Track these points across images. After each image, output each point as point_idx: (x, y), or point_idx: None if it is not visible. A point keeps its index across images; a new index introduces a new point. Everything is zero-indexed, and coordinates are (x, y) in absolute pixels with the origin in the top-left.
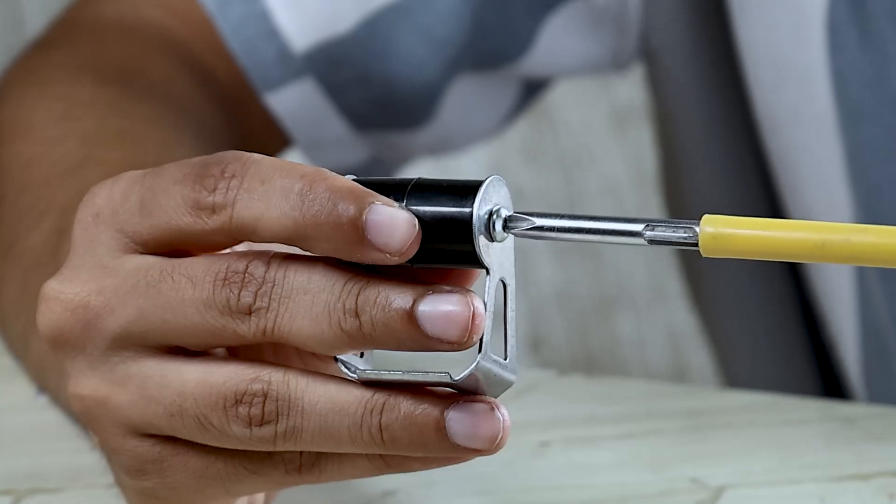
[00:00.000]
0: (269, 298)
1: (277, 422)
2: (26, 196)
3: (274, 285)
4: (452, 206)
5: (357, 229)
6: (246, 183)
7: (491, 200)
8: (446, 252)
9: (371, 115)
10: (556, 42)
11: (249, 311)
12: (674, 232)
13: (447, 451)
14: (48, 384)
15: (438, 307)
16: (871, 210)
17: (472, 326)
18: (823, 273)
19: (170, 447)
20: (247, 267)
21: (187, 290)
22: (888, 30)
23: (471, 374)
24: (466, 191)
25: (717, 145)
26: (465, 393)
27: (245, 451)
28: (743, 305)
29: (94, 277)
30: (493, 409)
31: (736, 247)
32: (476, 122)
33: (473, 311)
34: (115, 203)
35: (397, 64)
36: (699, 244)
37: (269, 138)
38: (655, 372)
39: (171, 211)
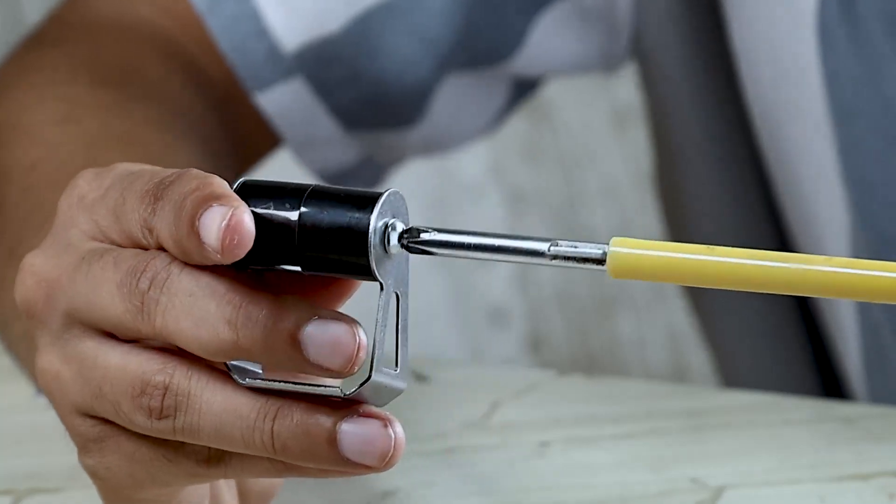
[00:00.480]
0: (160, 291)
1: (175, 417)
2: (30, 199)
3: (168, 279)
4: (349, 218)
5: (196, 233)
6: (163, 203)
7: (388, 214)
8: (340, 263)
9: (361, 114)
10: (547, 41)
11: (143, 300)
12: (579, 256)
13: (337, 463)
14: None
15: (325, 333)
16: (864, 209)
17: (355, 358)
18: None
19: (107, 429)
20: (153, 258)
21: (108, 272)
22: (877, 30)
23: (361, 390)
24: (364, 202)
25: (712, 145)
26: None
27: (164, 440)
28: (741, 306)
29: (58, 254)
30: (386, 425)
31: (644, 270)
32: (467, 121)
33: (358, 344)
34: (96, 194)
35: (388, 63)
36: (607, 266)
37: (261, 137)
38: (655, 372)
39: (131, 224)
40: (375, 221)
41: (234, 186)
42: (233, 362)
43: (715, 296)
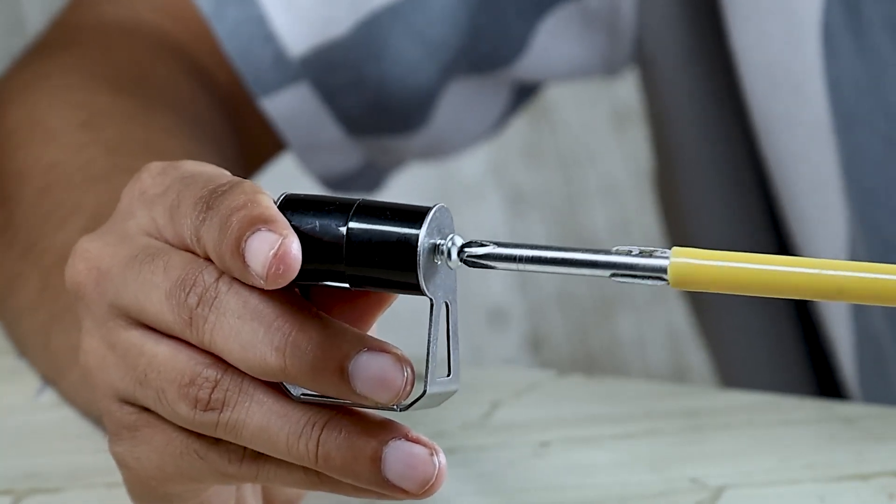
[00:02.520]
0: (209, 308)
1: (222, 411)
2: (49, 198)
3: (216, 297)
4: (398, 234)
5: (241, 256)
6: (212, 215)
7: (434, 229)
8: (388, 279)
9: (366, 119)
10: (550, 45)
11: (191, 315)
12: (641, 270)
13: (376, 483)
14: (63, 380)
15: (372, 368)
16: (865, 216)
17: (402, 393)
18: None
19: (143, 418)
20: (202, 271)
21: (158, 277)
22: (882, 37)
23: (416, 404)
24: (412, 217)
25: (712, 149)
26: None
27: (198, 435)
28: (739, 307)
29: (114, 243)
30: (431, 454)
31: (707, 281)
32: (469, 126)
33: (406, 379)
34: (157, 190)
35: (392, 67)
36: (669, 278)
37: (266, 142)
38: (655, 372)
39: (183, 228)
40: (424, 238)
41: (277, 200)
42: None
43: (713, 296)
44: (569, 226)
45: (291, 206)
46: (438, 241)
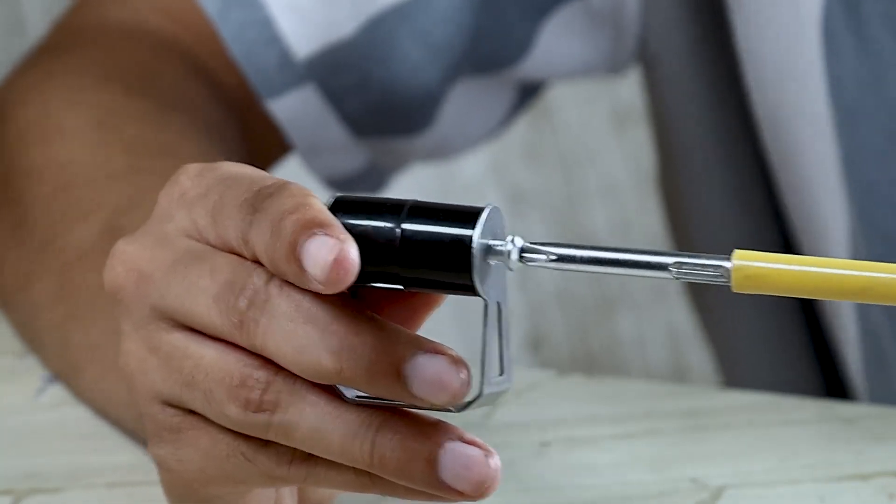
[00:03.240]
0: (260, 312)
1: (273, 412)
2: (67, 196)
3: (267, 300)
4: (451, 235)
5: (297, 260)
6: (261, 217)
7: (488, 230)
8: (442, 281)
9: (371, 121)
10: (555, 45)
11: (241, 319)
12: (702, 270)
13: (431, 485)
14: (80, 378)
15: (429, 370)
16: (865, 211)
17: (459, 394)
18: None
19: (187, 420)
20: (251, 274)
21: (205, 281)
22: (882, 34)
23: (472, 404)
24: (465, 218)
25: (716, 147)
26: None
27: (246, 437)
28: (742, 305)
29: (154, 246)
30: (487, 455)
31: (769, 284)
32: (473, 127)
33: (462, 381)
34: (197, 193)
35: (398, 68)
36: (731, 282)
37: (272, 144)
38: (655, 372)
39: (228, 230)
40: (479, 238)
41: (328, 203)
42: None
43: (717, 294)
44: (569, 226)
45: (342, 207)
46: (493, 242)
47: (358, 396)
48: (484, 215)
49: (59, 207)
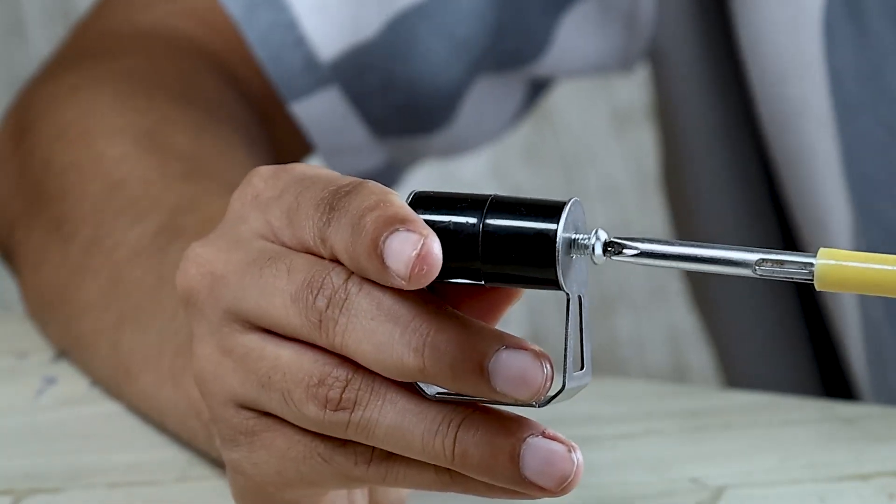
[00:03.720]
0: (340, 310)
1: (353, 410)
2: (121, 193)
3: (346, 299)
4: (535, 229)
5: (379, 257)
6: (340, 216)
7: (570, 224)
8: (524, 275)
9: (393, 121)
10: (571, 41)
11: (320, 318)
12: (787, 267)
13: (514, 481)
14: (133, 383)
15: (513, 366)
16: (865, 204)
17: (542, 389)
18: None
19: (262, 422)
20: (329, 272)
21: (281, 280)
22: (882, 26)
23: (553, 399)
24: (548, 212)
25: (720, 143)
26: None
27: (323, 437)
28: (743, 304)
29: (227, 248)
30: (570, 450)
31: (853, 282)
32: (488, 123)
33: (546, 376)
34: (271, 194)
35: (420, 67)
36: (815, 279)
37: (294, 146)
38: (655, 372)
39: (304, 230)
40: (562, 232)
41: (408, 199)
42: None
43: (718, 293)
44: None
45: (422, 203)
46: (576, 236)
47: (438, 393)
48: (567, 209)
49: (112, 205)
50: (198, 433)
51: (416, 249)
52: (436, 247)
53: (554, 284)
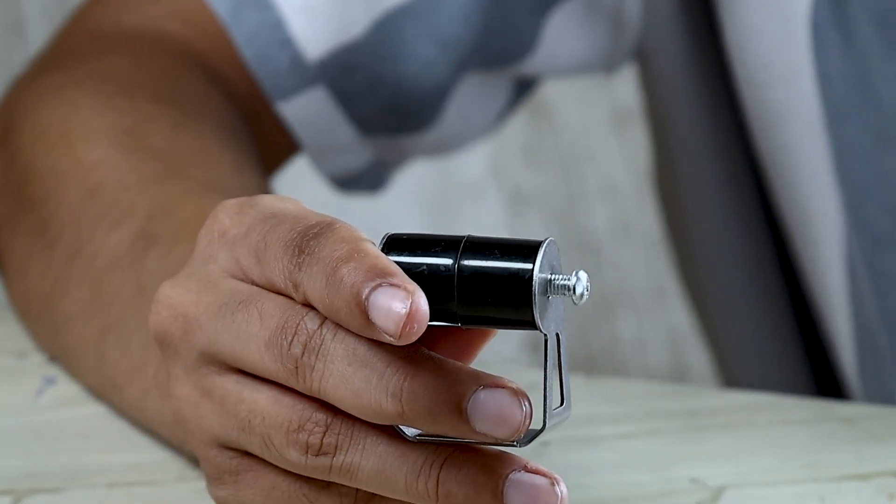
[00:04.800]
0: (315, 357)
1: (335, 455)
2: (98, 199)
3: (322, 345)
4: (511, 270)
5: (363, 312)
6: (311, 261)
7: (546, 264)
8: (501, 317)
9: (380, 120)
10: (557, 41)
11: (297, 364)
12: None
13: None
14: (121, 395)
15: (491, 406)
16: (856, 209)
17: (522, 427)
18: (817, 272)
19: (245, 462)
20: (303, 318)
21: (254, 326)
22: (868, 31)
23: (535, 437)
24: (523, 252)
25: (710, 146)
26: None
27: (307, 479)
28: (739, 307)
29: (198, 289)
30: (553, 483)
31: None
32: (475, 121)
33: (525, 414)
34: (238, 232)
35: (407, 67)
36: None
37: (281, 146)
38: (655, 372)
39: (274, 272)
40: (538, 274)
41: (381, 243)
42: None
43: (715, 296)
44: (569, 226)
45: (396, 246)
46: (552, 276)
47: (419, 435)
48: (542, 249)
49: (90, 212)
50: (186, 440)
51: (404, 307)
52: (423, 303)
53: (531, 326)
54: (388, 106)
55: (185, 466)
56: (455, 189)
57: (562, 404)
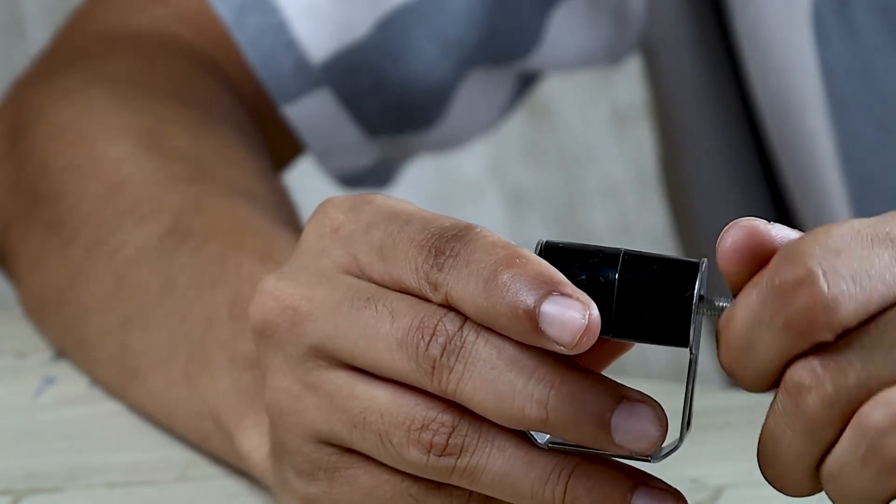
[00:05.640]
0: (456, 358)
1: (459, 456)
2: (123, 195)
3: (462, 346)
4: (670, 289)
5: (532, 320)
6: (459, 264)
7: (703, 283)
8: (654, 333)
9: (385, 120)
10: (562, 36)
11: (434, 365)
12: None
13: None
14: (140, 383)
15: (634, 420)
16: (862, 200)
17: (659, 443)
18: None
19: (346, 459)
20: (441, 318)
21: (385, 324)
22: (869, 22)
23: (670, 453)
24: (682, 271)
25: (718, 137)
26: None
27: (416, 478)
28: None
29: (310, 284)
30: (678, 500)
31: None
32: (479, 117)
33: (663, 431)
34: (357, 229)
35: (411, 66)
36: None
37: (286, 147)
38: (655, 372)
39: (404, 270)
40: (698, 293)
41: (537, 249)
42: None
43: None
44: (569, 226)
45: (552, 255)
46: (710, 297)
47: (551, 442)
48: (701, 269)
49: (112, 207)
50: (211, 436)
51: (583, 318)
52: (597, 314)
53: (682, 343)
54: (392, 106)
55: (185, 466)
56: (455, 189)
57: (690, 421)
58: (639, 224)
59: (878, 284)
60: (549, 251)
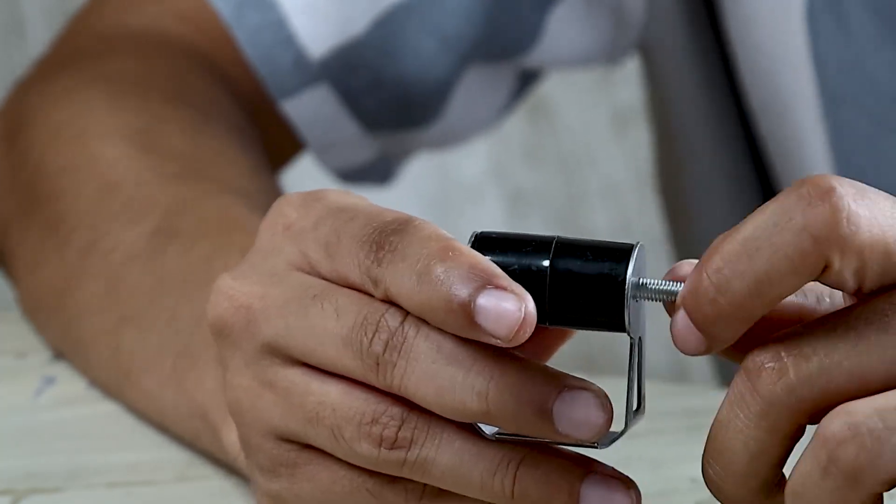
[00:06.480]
0: (398, 354)
1: (409, 448)
2: (116, 195)
3: (404, 342)
4: (603, 271)
5: (467, 314)
6: (396, 258)
7: (637, 267)
8: (589, 318)
9: (384, 116)
10: (561, 33)
11: (378, 361)
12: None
13: None
14: (134, 385)
15: (576, 407)
16: None
17: (604, 430)
18: None
19: (304, 455)
20: (383, 314)
21: (330, 322)
22: (862, 17)
23: (616, 439)
24: (615, 255)
25: (713, 135)
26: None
27: (372, 473)
28: None
29: (263, 282)
30: (628, 487)
31: None
32: (479, 114)
33: (608, 416)
34: (306, 225)
35: (410, 63)
36: None
37: (285, 144)
38: (655, 372)
39: (348, 266)
40: (631, 275)
41: (470, 240)
42: None
43: None
44: (569, 226)
45: (485, 245)
46: (645, 281)
47: (498, 433)
48: (634, 253)
49: (106, 208)
50: (201, 434)
51: (518, 311)
52: (533, 305)
53: (619, 328)
54: (391, 102)
55: (184, 466)
56: (455, 189)
57: (639, 407)
58: (639, 224)
59: None
60: (483, 242)
